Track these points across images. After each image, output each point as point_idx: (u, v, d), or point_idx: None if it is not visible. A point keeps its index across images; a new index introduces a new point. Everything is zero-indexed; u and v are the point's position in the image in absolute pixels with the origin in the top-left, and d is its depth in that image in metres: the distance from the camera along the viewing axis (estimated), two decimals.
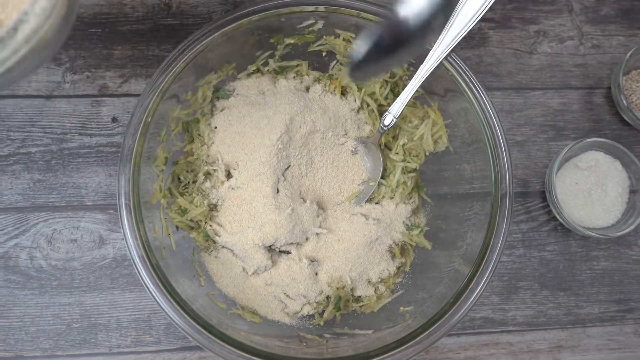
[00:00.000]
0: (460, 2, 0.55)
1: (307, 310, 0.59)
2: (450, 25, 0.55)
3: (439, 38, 0.56)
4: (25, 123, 0.66)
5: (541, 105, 0.73)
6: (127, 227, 0.51)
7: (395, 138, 0.63)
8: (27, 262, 0.63)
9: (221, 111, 0.60)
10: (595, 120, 0.73)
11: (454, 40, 0.55)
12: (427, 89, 0.62)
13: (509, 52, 0.74)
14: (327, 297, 0.59)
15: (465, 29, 0.55)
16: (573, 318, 0.68)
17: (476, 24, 0.73)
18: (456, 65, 0.57)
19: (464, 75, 0.57)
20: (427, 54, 0.56)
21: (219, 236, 0.58)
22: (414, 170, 0.62)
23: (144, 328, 0.63)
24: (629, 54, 0.70)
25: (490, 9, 0.74)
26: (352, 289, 0.60)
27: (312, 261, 0.59)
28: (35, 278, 0.63)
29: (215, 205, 0.59)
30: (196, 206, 0.57)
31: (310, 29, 0.59)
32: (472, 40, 0.74)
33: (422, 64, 0.56)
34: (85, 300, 0.63)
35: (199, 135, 0.59)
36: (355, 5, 0.56)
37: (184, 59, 0.54)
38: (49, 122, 0.66)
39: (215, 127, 0.60)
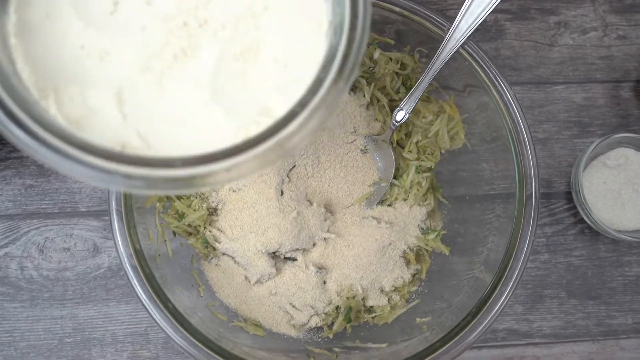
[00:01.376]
0: None
1: (315, 322, 0.54)
2: (464, 12, 0.51)
3: (453, 25, 0.52)
4: None
5: (564, 100, 0.68)
6: (118, 233, 0.48)
7: (408, 135, 0.59)
8: (17, 272, 0.60)
9: None
10: (622, 116, 0.69)
11: (469, 29, 0.51)
12: (443, 83, 0.58)
13: (528, 44, 0.70)
14: (337, 308, 0.54)
15: (482, 15, 0.51)
16: (604, 329, 0.63)
17: (492, 15, 0.70)
18: (475, 56, 0.53)
19: (484, 66, 0.53)
20: (441, 43, 0.52)
21: (219, 242, 0.53)
22: (429, 169, 0.58)
23: (141, 342, 0.59)
24: None
25: None
26: (363, 299, 0.55)
27: (320, 269, 0.54)
28: (26, 289, 0.59)
29: (215, 209, 0.55)
30: (194, 210, 0.53)
31: None
32: (488, 32, 0.70)
33: (435, 54, 0.52)
34: (78, 312, 0.59)
35: None
36: None
37: None
38: None
39: None
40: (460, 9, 0.51)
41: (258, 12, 0.36)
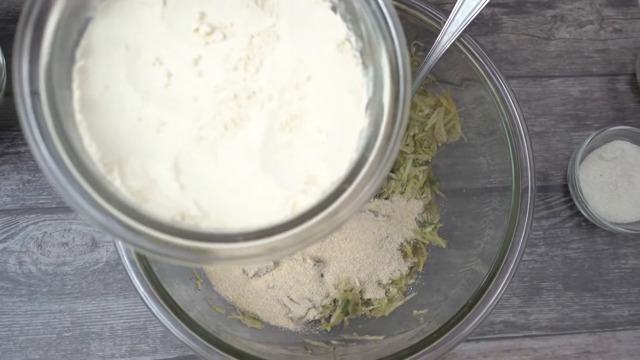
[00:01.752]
0: None
1: (313, 314, 0.55)
2: (460, 5, 0.51)
3: (449, 18, 0.52)
4: (14, 121, 0.63)
5: (560, 93, 0.69)
6: None
7: (405, 129, 0.59)
8: (16, 267, 0.60)
9: None
10: (619, 109, 0.69)
11: (465, 22, 0.51)
12: (440, 77, 0.58)
13: (524, 38, 0.70)
14: (334, 301, 0.55)
15: (477, 9, 0.51)
16: (601, 321, 0.63)
17: (489, 10, 0.70)
18: (472, 50, 0.53)
19: (480, 60, 0.53)
20: (437, 37, 0.52)
21: None
22: (426, 162, 0.58)
23: (140, 336, 0.59)
24: None
25: None
26: (361, 292, 0.55)
27: (317, 262, 0.54)
28: (24, 284, 0.59)
29: None
30: None
31: None
32: (485, 26, 0.70)
33: (431, 47, 0.52)
34: (77, 307, 0.59)
35: None
36: None
37: None
38: None
39: None
40: (456, 2, 0.51)
41: (302, 82, 0.37)
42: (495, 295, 0.48)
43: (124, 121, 0.35)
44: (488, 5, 0.69)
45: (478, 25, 0.70)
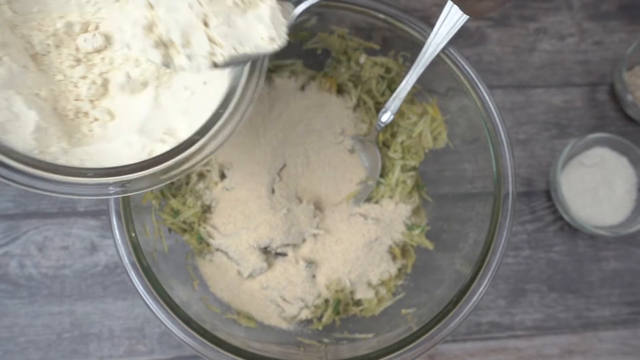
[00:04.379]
0: None
1: (305, 314, 0.56)
2: (444, 17, 0.54)
3: (434, 31, 0.54)
4: None
5: (543, 103, 0.72)
6: (116, 230, 0.50)
7: (393, 136, 0.61)
8: (17, 270, 0.61)
9: None
10: (599, 117, 0.72)
11: (449, 33, 0.54)
12: (427, 86, 0.61)
13: (508, 50, 0.73)
14: (326, 301, 0.57)
15: (460, 22, 0.54)
16: (584, 321, 0.66)
17: (474, 23, 0.73)
18: (456, 61, 0.56)
19: (464, 71, 0.56)
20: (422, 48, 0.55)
21: (213, 238, 0.56)
22: (414, 168, 0.61)
23: (137, 337, 0.61)
24: (630, 49, 0.68)
25: None
26: (351, 292, 0.57)
27: (310, 263, 0.57)
28: (25, 287, 0.61)
29: (209, 207, 0.57)
30: (189, 207, 0.55)
31: (305, 25, 0.57)
32: (470, 38, 0.73)
33: (417, 57, 0.55)
34: (76, 309, 0.61)
35: None
36: (350, 0, 0.55)
37: None
38: None
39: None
40: (440, 17, 0.54)
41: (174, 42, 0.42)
42: (477, 294, 0.50)
43: None
44: (474, 18, 0.72)
45: (464, 38, 0.73)
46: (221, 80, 0.42)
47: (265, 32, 0.40)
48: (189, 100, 0.43)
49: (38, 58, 0.42)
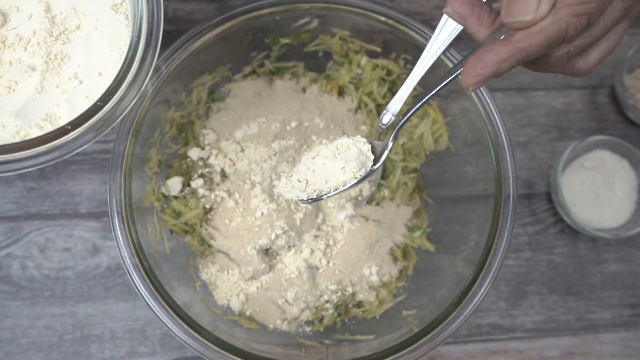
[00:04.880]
0: None
1: (306, 316, 0.57)
2: (444, 21, 0.54)
3: (435, 33, 0.55)
4: None
5: (544, 105, 0.72)
6: (119, 233, 0.50)
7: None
8: (19, 271, 0.62)
9: (216, 113, 0.59)
10: (600, 120, 0.72)
11: (449, 37, 0.54)
12: (428, 89, 0.61)
13: None
14: (327, 302, 0.57)
15: (460, 25, 0.54)
16: (585, 323, 0.66)
17: None
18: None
19: None
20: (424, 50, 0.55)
21: (215, 240, 0.56)
22: (415, 170, 0.61)
23: (139, 339, 0.61)
24: (631, 52, 0.68)
25: None
26: (352, 294, 0.57)
27: (311, 265, 0.57)
28: (27, 288, 0.61)
29: (211, 209, 0.57)
30: (191, 209, 0.56)
31: (306, 27, 0.58)
32: (471, 41, 0.73)
33: (418, 60, 0.55)
34: (78, 310, 0.61)
35: (194, 137, 0.58)
36: (352, 2, 0.55)
37: (176, 61, 0.53)
38: None
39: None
40: (441, 19, 0.54)
41: (71, 29, 0.44)
42: (478, 296, 0.50)
43: None
44: None
45: (465, 41, 0.73)
46: (115, 70, 0.43)
47: None
48: (75, 89, 0.43)
49: None
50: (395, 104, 0.57)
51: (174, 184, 0.56)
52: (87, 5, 0.45)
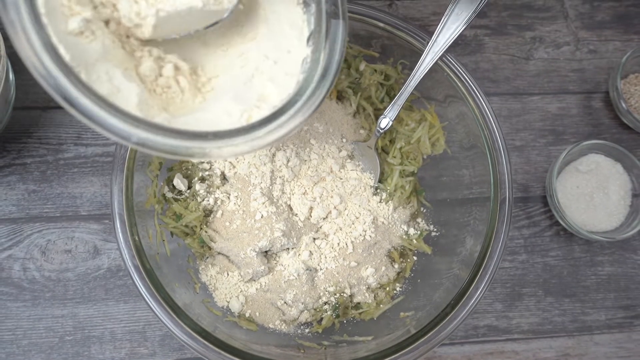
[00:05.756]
0: (450, 4, 0.55)
1: (305, 317, 0.57)
2: (442, 26, 0.55)
3: (431, 40, 0.56)
4: (21, 134, 0.66)
5: (539, 110, 0.73)
6: (120, 235, 0.51)
7: (392, 142, 0.62)
8: (20, 273, 0.62)
9: None
10: (594, 125, 0.73)
11: (446, 43, 0.55)
12: (425, 93, 0.62)
13: (505, 58, 0.74)
14: (326, 304, 0.57)
15: (457, 30, 0.55)
16: (580, 325, 0.67)
17: (472, 31, 0.75)
18: (454, 69, 0.57)
19: (462, 78, 0.57)
20: (421, 56, 0.56)
21: (215, 242, 0.57)
22: (412, 173, 0.62)
23: (139, 340, 0.62)
24: (625, 58, 0.69)
25: (486, 16, 0.75)
26: (350, 295, 0.58)
27: (310, 267, 0.57)
28: (28, 290, 0.62)
29: (211, 211, 0.58)
30: (191, 211, 0.56)
31: None
32: (468, 46, 0.74)
33: (416, 65, 0.56)
34: (78, 312, 0.62)
35: None
36: (350, 9, 0.56)
37: None
38: (44, 133, 0.66)
39: None
40: (438, 25, 0.55)
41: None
42: (475, 298, 0.51)
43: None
44: (471, 27, 0.73)
45: (462, 46, 0.74)
46: (300, 46, 0.44)
47: None
48: (271, 69, 0.44)
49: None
50: (393, 108, 0.58)
51: (181, 181, 0.56)
52: None
